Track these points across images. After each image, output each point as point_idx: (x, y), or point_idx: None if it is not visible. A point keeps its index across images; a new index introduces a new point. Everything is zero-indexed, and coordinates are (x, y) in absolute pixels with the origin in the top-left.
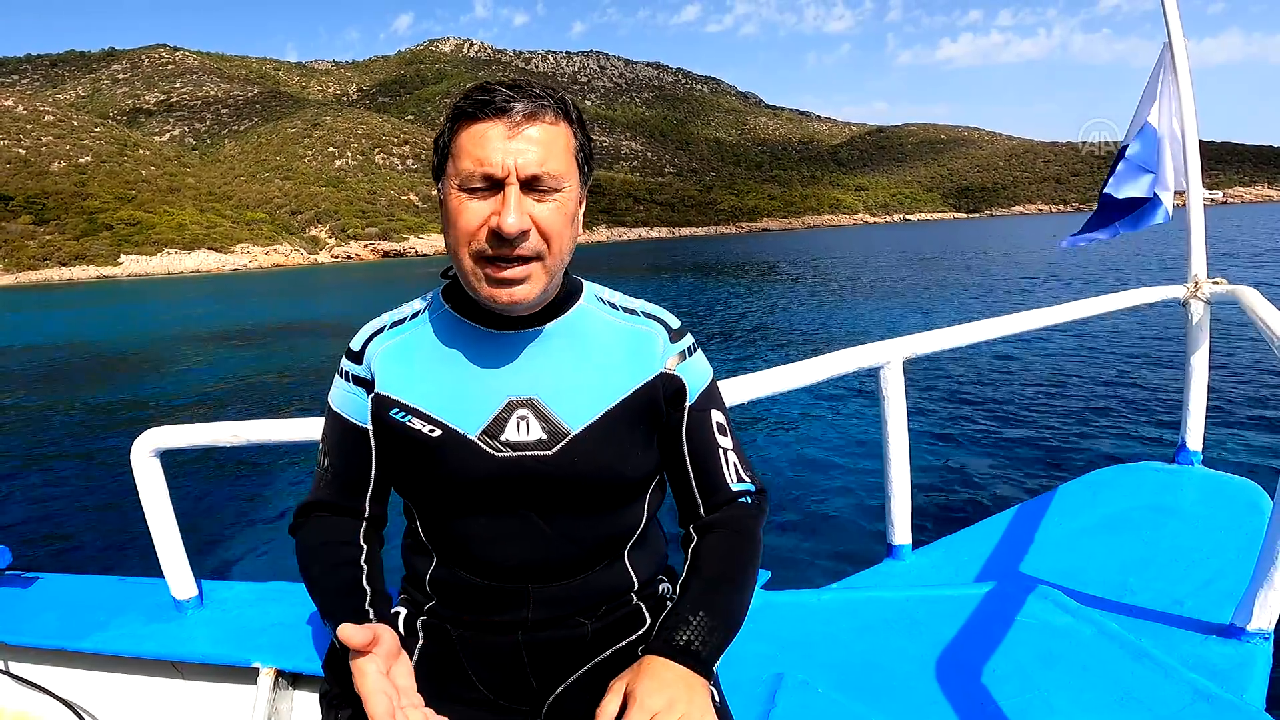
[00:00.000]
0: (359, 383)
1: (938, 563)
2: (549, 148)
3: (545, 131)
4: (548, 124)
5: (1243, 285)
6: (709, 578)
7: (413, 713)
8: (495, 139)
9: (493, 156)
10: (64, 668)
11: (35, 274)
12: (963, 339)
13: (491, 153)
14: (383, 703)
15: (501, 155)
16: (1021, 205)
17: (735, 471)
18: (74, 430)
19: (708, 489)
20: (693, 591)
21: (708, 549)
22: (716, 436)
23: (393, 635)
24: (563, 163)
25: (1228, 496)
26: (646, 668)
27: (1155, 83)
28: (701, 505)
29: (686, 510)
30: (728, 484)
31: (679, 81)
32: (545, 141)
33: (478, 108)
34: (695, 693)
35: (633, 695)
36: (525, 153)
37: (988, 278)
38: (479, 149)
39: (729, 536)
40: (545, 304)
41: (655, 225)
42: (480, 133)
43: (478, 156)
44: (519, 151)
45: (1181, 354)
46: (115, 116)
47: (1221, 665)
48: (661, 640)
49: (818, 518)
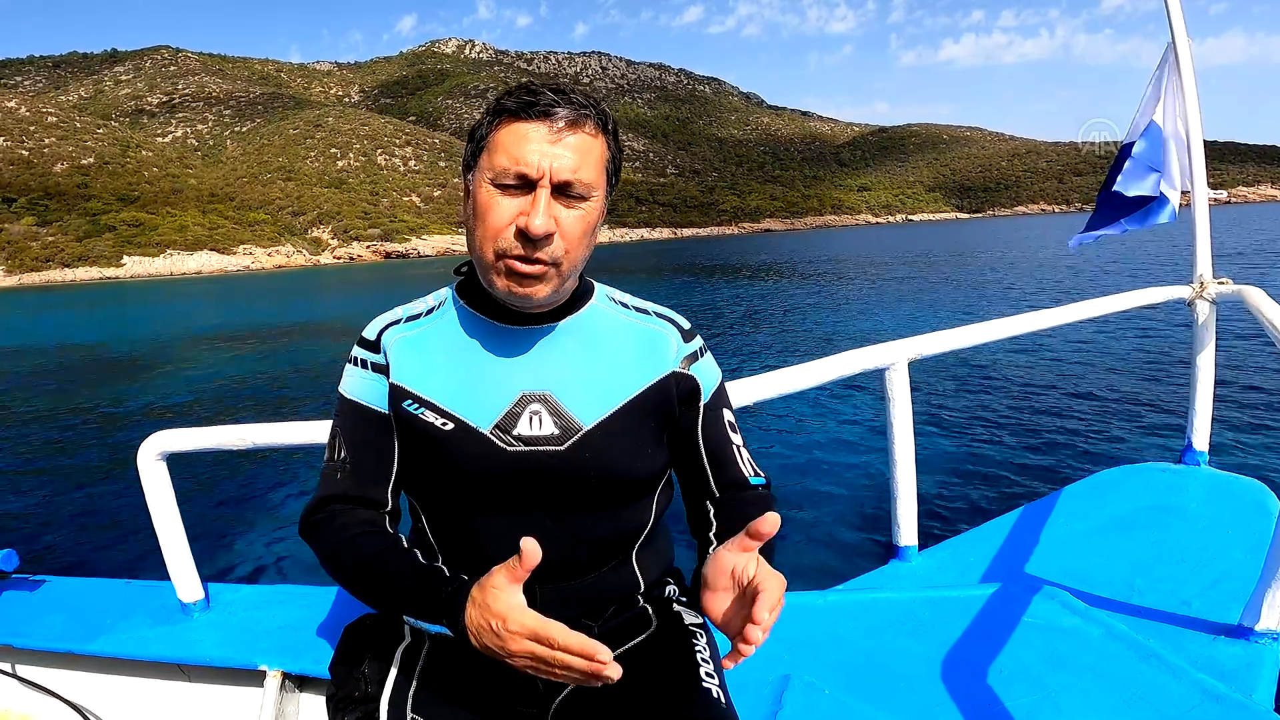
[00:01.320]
0: (377, 369)
1: (944, 564)
2: (585, 157)
3: (584, 141)
4: (587, 134)
5: (1249, 285)
6: (744, 511)
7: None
8: (535, 140)
9: (530, 157)
10: (70, 670)
11: (38, 275)
12: (968, 340)
13: (529, 153)
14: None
15: (539, 157)
16: (1024, 205)
17: (750, 466)
18: (80, 433)
19: (725, 483)
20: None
21: (741, 501)
22: (730, 433)
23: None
24: (594, 173)
25: (1235, 497)
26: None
27: (1159, 82)
28: (718, 497)
29: (698, 509)
30: (745, 477)
31: (681, 82)
32: (582, 150)
33: (522, 107)
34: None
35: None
36: (562, 158)
37: (991, 278)
38: (517, 148)
39: (757, 500)
40: (558, 304)
41: (658, 226)
42: (521, 132)
43: (515, 155)
44: (556, 156)
45: (1187, 354)
46: (118, 118)
47: (1230, 666)
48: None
49: (823, 519)
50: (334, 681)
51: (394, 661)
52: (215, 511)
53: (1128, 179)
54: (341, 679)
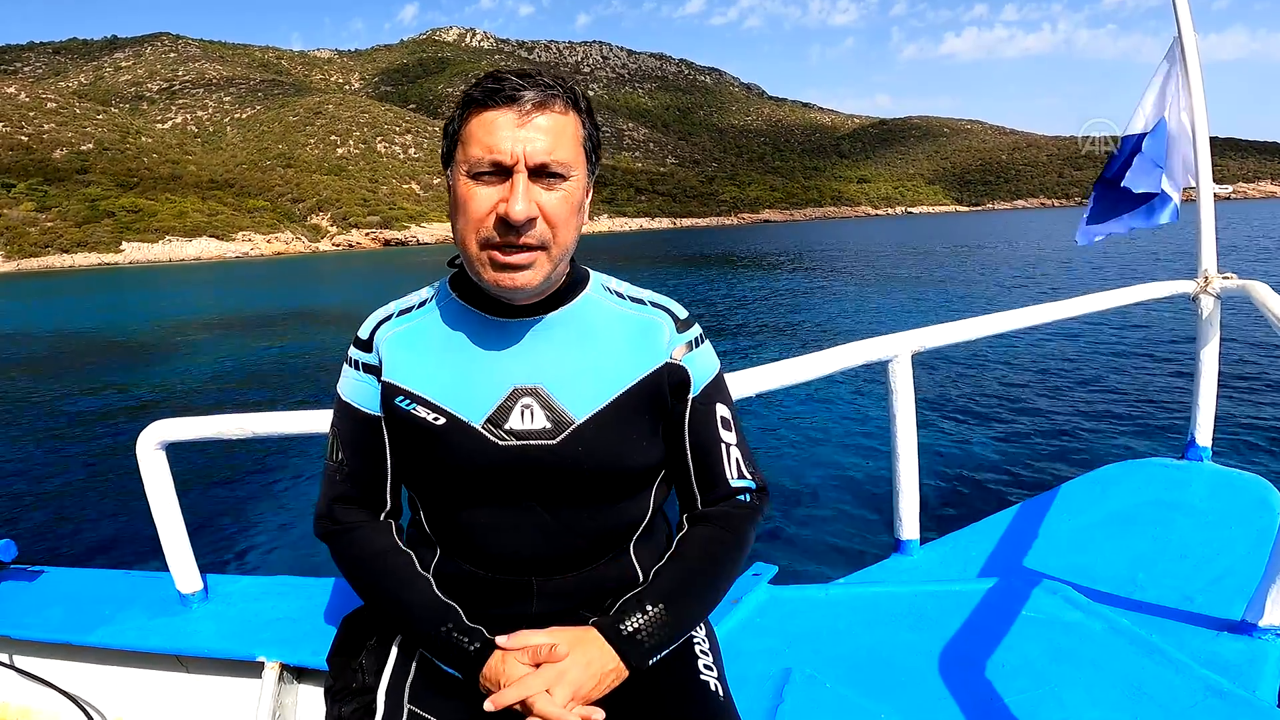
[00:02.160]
0: (369, 370)
1: (945, 558)
2: (558, 137)
3: (555, 120)
4: (557, 113)
5: (1253, 280)
6: (685, 569)
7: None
8: (505, 127)
9: (502, 144)
10: (68, 661)
11: (37, 261)
12: (972, 333)
13: (501, 140)
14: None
15: (510, 143)
16: (1023, 199)
17: (737, 467)
18: (78, 422)
19: (707, 483)
20: (663, 580)
21: (692, 540)
22: (720, 430)
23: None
24: (571, 152)
25: (1238, 492)
26: (584, 638)
27: (1165, 76)
28: (699, 499)
29: (685, 503)
30: (727, 480)
31: (682, 72)
32: (554, 130)
33: (488, 95)
34: (605, 680)
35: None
36: (534, 141)
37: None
38: (488, 136)
39: (717, 533)
40: (550, 291)
41: (657, 215)
42: (490, 120)
43: (487, 144)
44: (528, 140)
45: (1190, 349)
46: (117, 104)
47: (1233, 661)
48: (612, 620)
49: (825, 512)
50: (332, 672)
51: (391, 653)
52: (214, 501)
53: (1136, 175)
54: (339, 670)
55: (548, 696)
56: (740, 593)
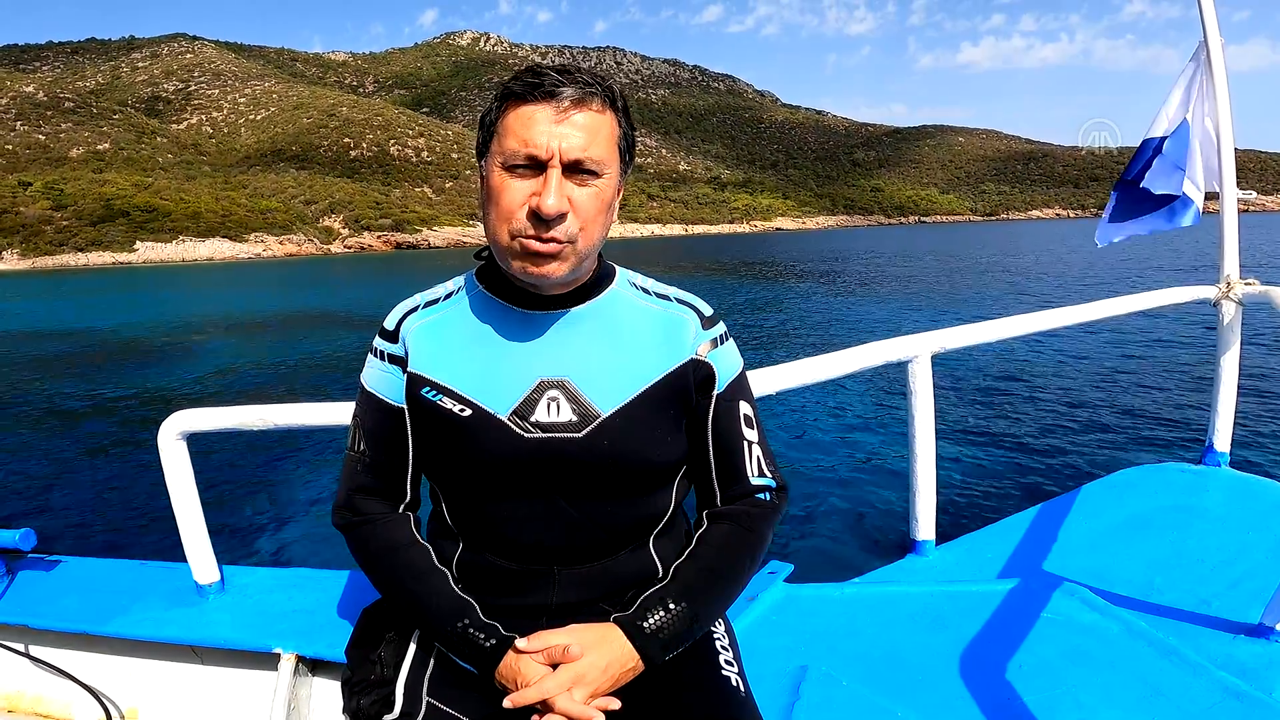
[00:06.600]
0: (394, 360)
1: (962, 559)
2: (593, 134)
3: (591, 118)
4: (594, 111)
5: (1276, 286)
6: (705, 567)
7: None
8: (542, 121)
9: (538, 138)
10: (85, 651)
11: (51, 259)
12: (991, 335)
13: (537, 135)
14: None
15: (546, 138)
16: (1038, 209)
17: (758, 465)
18: (98, 414)
19: (728, 480)
20: (684, 577)
21: (713, 537)
22: (743, 428)
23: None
24: (605, 150)
25: (1256, 498)
26: (602, 638)
27: (1190, 80)
28: (719, 495)
29: (705, 498)
30: (748, 477)
31: (695, 79)
32: (590, 128)
33: (527, 89)
34: (622, 679)
35: (569, 654)
36: (570, 137)
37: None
38: (525, 130)
39: (737, 531)
40: (577, 284)
41: (669, 222)
42: (528, 114)
43: (523, 137)
44: (564, 135)
45: (1209, 355)
46: (134, 104)
47: (1250, 664)
48: (633, 616)
49: (842, 511)
50: (350, 665)
51: (410, 645)
52: (232, 493)
53: (1155, 176)
54: (358, 662)
55: (568, 694)
56: (756, 590)
